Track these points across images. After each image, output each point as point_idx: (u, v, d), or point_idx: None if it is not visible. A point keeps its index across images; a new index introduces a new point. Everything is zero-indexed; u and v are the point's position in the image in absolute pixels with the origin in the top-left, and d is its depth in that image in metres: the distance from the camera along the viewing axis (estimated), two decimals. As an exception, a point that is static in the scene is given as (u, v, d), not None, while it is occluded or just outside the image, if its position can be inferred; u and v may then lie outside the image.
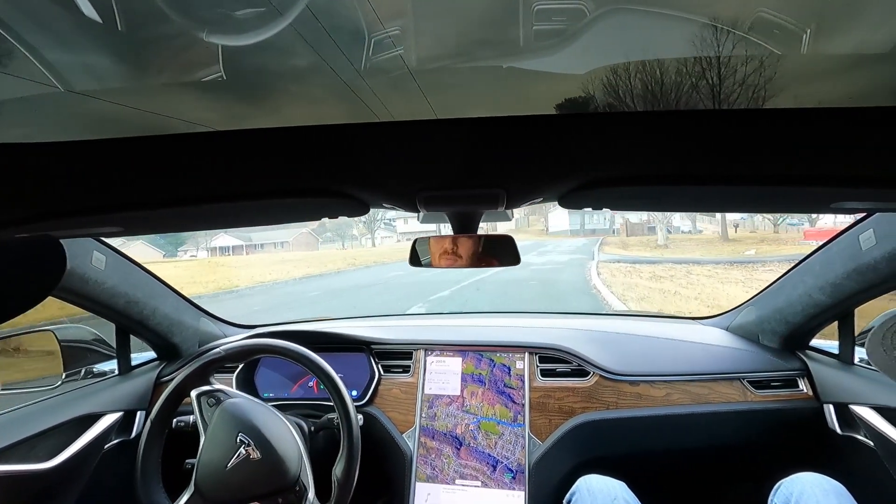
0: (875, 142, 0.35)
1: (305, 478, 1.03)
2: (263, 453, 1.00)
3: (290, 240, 32.51)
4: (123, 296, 1.24)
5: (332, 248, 34.17)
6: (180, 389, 1.07)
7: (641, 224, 28.22)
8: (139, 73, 0.36)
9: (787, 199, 0.52)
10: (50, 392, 1.21)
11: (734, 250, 15.50)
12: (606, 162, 0.42)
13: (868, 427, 1.08)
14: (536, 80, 0.34)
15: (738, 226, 23.03)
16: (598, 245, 20.04)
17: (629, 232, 27.44)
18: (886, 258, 0.96)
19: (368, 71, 0.34)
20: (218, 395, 1.07)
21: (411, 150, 0.42)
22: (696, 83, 0.32)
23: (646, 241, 21.32)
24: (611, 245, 20.36)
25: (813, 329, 1.30)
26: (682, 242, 20.23)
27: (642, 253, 16.23)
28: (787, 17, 0.30)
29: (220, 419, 1.03)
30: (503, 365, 1.38)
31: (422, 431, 1.32)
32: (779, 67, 0.31)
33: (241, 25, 0.33)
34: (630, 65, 0.33)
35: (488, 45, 0.34)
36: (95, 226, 0.58)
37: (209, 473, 0.99)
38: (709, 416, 1.27)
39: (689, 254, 15.05)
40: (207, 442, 1.02)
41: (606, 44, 0.32)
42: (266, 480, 0.99)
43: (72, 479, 1.16)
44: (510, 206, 0.54)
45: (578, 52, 0.33)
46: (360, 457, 1.04)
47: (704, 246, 17.89)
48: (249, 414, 1.05)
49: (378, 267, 16.88)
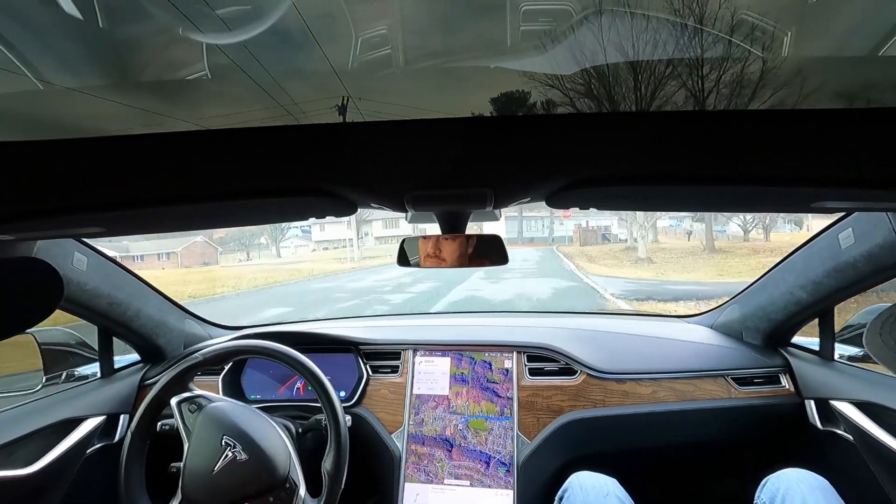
0: (855, 143, 0.36)
1: (295, 474, 1.02)
2: (250, 454, 0.99)
3: (178, 250, 25.36)
4: (106, 297, 1.22)
5: (231, 259, 29.11)
6: (160, 396, 1.05)
7: (595, 231, 24.67)
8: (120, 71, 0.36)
9: (769, 198, 0.53)
10: (30, 396, 1.18)
11: (723, 263, 13.92)
12: (593, 162, 0.43)
13: (847, 422, 1.10)
14: (524, 80, 0.34)
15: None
16: (564, 259, 17.01)
17: (583, 240, 23.36)
18: (865, 256, 0.98)
19: (355, 70, 0.34)
20: (199, 402, 1.05)
21: (399, 150, 0.41)
22: (681, 84, 0.33)
23: (611, 252, 18.27)
24: (578, 259, 16.51)
25: (794, 326, 1.33)
26: (660, 252, 17.33)
27: (625, 270, 13.31)
28: (768, 19, 0.31)
29: (203, 424, 1.02)
30: (484, 362, 1.38)
31: (411, 439, 1.32)
32: (761, 69, 0.32)
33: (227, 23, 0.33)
34: (616, 66, 0.33)
35: (476, 45, 0.34)
36: (77, 226, 0.57)
37: (196, 480, 0.98)
38: (694, 412, 1.29)
39: (680, 271, 12.92)
40: (192, 448, 1.00)
41: (593, 45, 0.33)
42: (255, 480, 0.98)
43: (53, 485, 1.14)
44: (498, 205, 0.55)
45: (565, 53, 0.33)
46: (349, 456, 1.03)
47: (689, 258, 15.92)
48: (233, 416, 1.04)
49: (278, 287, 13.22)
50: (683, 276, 12.46)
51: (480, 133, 0.38)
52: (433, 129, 0.38)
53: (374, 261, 22.04)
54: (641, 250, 16.19)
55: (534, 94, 0.34)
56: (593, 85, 0.34)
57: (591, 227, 25.26)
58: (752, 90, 0.32)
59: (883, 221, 0.92)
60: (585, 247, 21.91)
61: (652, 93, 0.33)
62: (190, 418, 1.03)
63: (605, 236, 24.61)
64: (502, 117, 0.35)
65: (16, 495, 1.05)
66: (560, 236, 26.35)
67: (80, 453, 1.20)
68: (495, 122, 0.36)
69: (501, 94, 0.34)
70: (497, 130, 0.38)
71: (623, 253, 17.75)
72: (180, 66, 0.35)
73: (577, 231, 24.85)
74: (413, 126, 0.36)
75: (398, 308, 8.59)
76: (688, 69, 0.32)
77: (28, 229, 0.55)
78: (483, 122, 0.36)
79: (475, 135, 0.38)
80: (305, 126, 0.36)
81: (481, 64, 0.35)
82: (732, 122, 0.35)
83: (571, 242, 24.49)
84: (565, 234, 26.41)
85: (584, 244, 22.74)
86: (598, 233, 25.03)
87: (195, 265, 25.06)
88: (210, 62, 0.34)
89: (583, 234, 24.18)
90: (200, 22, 0.33)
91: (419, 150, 0.42)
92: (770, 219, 18.95)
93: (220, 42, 0.34)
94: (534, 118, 0.35)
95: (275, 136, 0.38)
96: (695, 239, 21.23)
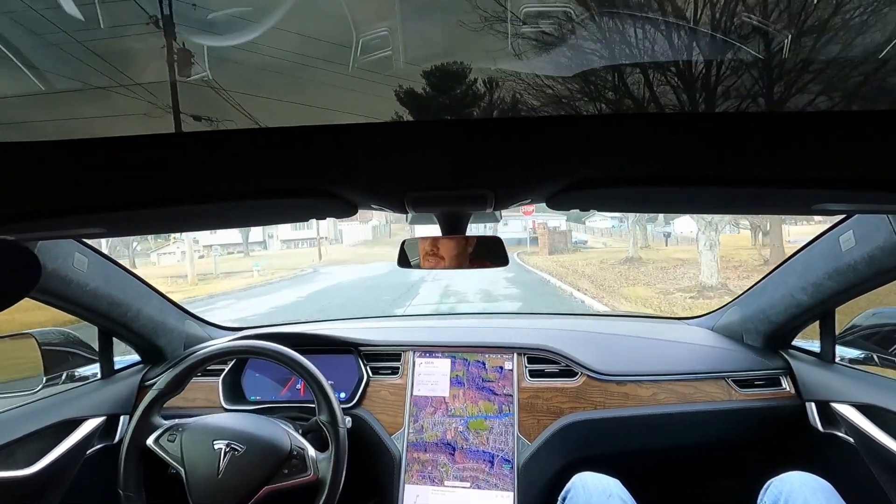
0: (856, 145, 0.36)
1: (298, 441, 1.03)
2: (246, 444, 0.99)
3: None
4: (106, 298, 1.22)
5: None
6: (160, 397, 1.06)
7: (564, 234, 19.80)
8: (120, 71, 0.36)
9: (770, 200, 0.53)
10: (30, 397, 1.18)
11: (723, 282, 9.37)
12: (593, 164, 0.43)
13: (848, 424, 1.10)
14: (524, 81, 0.34)
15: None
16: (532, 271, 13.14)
17: (551, 248, 18.17)
18: (866, 259, 0.98)
19: (355, 72, 0.34)
20: (173, 430, 1.04)
21: (400, 151, 0.42)
22: (681, 86, 0.33)
23: (586, 261, 14.47)
24: (553, 274, 12.29)
25: (795, 328, 1.33)
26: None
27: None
28: (768, 21, 0.31)
29: (188, 442, 1.01)
30: (477, 362, 1.38)
31: (413, 446, 1.31)
32: (761, 72, 0.32)
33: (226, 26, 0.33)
34: (616, 67, 0.33)
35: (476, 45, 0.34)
36: (78, 227, 0.57)
37: (207, 491, 0.97)
38: (695, 415, 1.28)
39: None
40: (189, 468, 0.99)
41: (593, 47, 0.33)
42: (262, 464, 0.98)
43: (53, 486, 1.14)
44: (498, 206, 0.55)
45: (566, 55, 0.33)
46: (349, 458, 1.03)
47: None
48: (214, 422, 1.04)
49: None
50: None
51: (481, 134, 0.38)
52: (433, 130, 0.38)
53: (278, 273, 18.29)
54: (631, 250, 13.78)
55: (534, 96, 0.34)
56: (594, 86, 0.34)
57: (557, 231, 19.93)
58: (752, 92, 0.32)
59: (884, 224, 0.92)
60: (556, 255, 17.51)
61: (652, 94, 0.33)
62: (172, 447, 1.02)
63: (576, 243, 19.62)
64: (503, 119, 0.35)
65: (15, 496, 1.05)
66: (512, 238, 19.88)
67: (81, 454, 1.20)
68: (495, 124, 0.36)
69: (502, 96, 0.34)
70: (497, 132, 0.38)
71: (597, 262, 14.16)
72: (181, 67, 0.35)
73: (543, 234, 19.22)
74: (413, 127, 0.36)
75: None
76: (687, 71, 0.33)
77: (28, 230, 0.55)
78: (483, 123, 0.36)
79: (475, 136, 0.39)
80: (306, 127, 0.36)
81: (481, 65, 0.35)
82: (733, 123, 0.35)
83: (532, 245, 19.39)
84: (516, 236, 20.29)
85: (552, 252, 18.04)
86: (566, 237, 19.79)
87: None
88: (210, 63, 0.34)
89: (552, 238, 18.86)
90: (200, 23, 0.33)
91: (419, 151, 0.42)
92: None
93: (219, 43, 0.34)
94: (534, 120, 0.35)
95: (275, 136, 0.38)
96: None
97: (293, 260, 23.83)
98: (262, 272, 18.73)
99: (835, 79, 0.32)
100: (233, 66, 0.35)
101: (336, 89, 0.35)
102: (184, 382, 1.10)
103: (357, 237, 31.01)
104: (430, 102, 0.35)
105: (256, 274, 18.35)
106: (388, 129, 0.37)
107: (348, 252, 26.52)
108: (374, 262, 19.35)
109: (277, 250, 26.88)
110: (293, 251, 26.64)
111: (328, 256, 24.66)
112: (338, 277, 15.38)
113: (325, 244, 27.82)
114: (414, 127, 0.36)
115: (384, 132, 0.38)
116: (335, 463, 1.01)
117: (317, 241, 27.68)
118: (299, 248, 26.66)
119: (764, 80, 0.32)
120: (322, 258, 24.12)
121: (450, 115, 0.35)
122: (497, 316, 1.85)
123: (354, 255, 24.37)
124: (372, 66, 0.34)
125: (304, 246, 28.15)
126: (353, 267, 18.68)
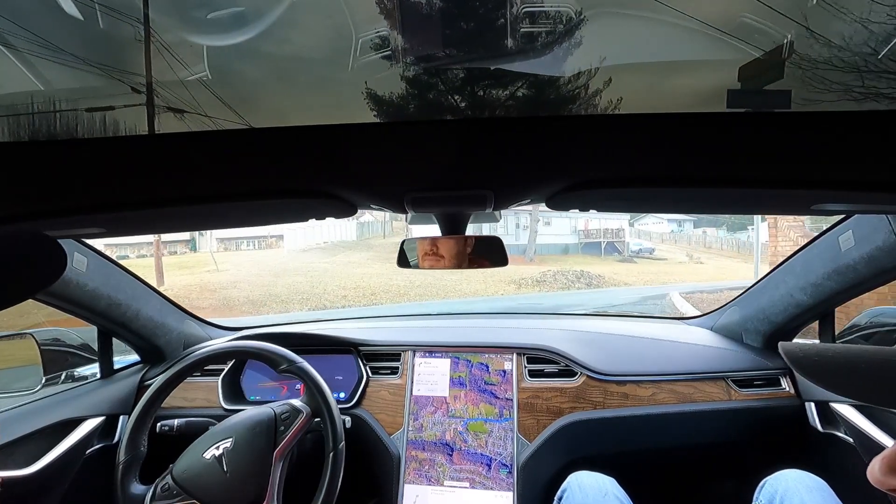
0: (855, 145, 0.36)
1: (279, 403, 1.05)
2: (230, 433, 0.99)
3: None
4: (106, 298, 1.22)
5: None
6: (158, 396, 1.05)
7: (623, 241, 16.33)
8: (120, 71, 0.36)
9: (769, 200, 0.53)
10: (29, 397, 1.18)
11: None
12: (593, 164, 0.43)
13: (848, 424, 1.10)
14: (525, 81, 0.34)
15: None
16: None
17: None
18: (865, 259, 0.98)
19: (355, 71, 0.34)
20: (163, 488, 0.99)
21: (399, 151, 0.41)
22: (681, 86, 0.33)
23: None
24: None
25: (795, 328, 1.33)
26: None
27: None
28: (768, 22, 0.31)
29: (183, 478, 0.98)
30: (481, 364, 1.38)
31: (412, 444, 1.31)
32: (761, 71, 0.32)
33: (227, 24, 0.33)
34: (617, 67, 0.33)
35: (476, 46, 0.34)
36: (77, 227, 0.56)
37: (228, 496, 0.96)
38: (694, 415, 1.28)
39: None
40: (202, 493, 0.97)
41: (593, 46, 0.33)
42: (256, 439, 0.99)
43: (52, 486, 1.14)
44: (498, 207, 0.55)
45: (566, 54, 0.33)
46: (349, 458, 1.03)
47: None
48: (193, 446, 1.03)
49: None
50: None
51: (481, 134, 0.38)
52: (433, 130, 0.38)
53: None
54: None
55: (534, 96, 0.34)
56: (594, 86, 0.34)
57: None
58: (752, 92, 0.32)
59: (883, 224, 0.92)
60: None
61: (652, 94, 0.33)
62: (175, 489, 0.98)
63: (549, 247, 16.02)
64: (502, 119, 0.35)
65: (15, 496, 1.05)
66: (548, 244, 16.25)
67: (80, 454, 1.20)
68: (495, 124, 0.36)
69: (502, 96, 0.34)
70: (497, 132, 0.38)
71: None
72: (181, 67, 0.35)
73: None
74: (413, 127, 0.36)
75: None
76: (687, 71, 0.33)
77: (28, 230, 0.55)
78: (483, 123, 0.36)
79: (475, 136, 0.38)
80: (305, 127, 0.36)
81: (482, 65, 0.35)
82: (733, 124, 0.35)
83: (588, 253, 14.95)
84: (562, 241, 16.51)
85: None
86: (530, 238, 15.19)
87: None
88: (210, 63, 0.34)
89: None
90: (199, 23, 0.33)
91: (419, 151, 0.41)
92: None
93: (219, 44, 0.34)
94: (534, 120, 0.35)
95: (276, 137, 0.38)
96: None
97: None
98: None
99: (835, 79, 0.32)
100: (234, 67, 0.35)
101: (336, 89, 0.35)
102: (178, 383, 1.09)
103: (315, 238, 18.88)
104: (429, 102, 0.35)
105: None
106: (387, 129, 0.37)
107: (281, 266, 14.30)
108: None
109: (211, 249, 17.92)
110: (229, 255, 17.23)
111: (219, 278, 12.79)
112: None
113: (277, 244, 18.99)
114: (414, 127, 0.36)
115: (384, 132, 0.37)
116: (333, 464, 1.01)
117: (268, 239, 18.77)
118: (241, 248, 18.97)
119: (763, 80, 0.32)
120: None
121: (450, 115, 0.35)
122: (497, 316, 1.85)
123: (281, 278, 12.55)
124: (371, 66, 0.34)
125: (248, 247, 19.80)
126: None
